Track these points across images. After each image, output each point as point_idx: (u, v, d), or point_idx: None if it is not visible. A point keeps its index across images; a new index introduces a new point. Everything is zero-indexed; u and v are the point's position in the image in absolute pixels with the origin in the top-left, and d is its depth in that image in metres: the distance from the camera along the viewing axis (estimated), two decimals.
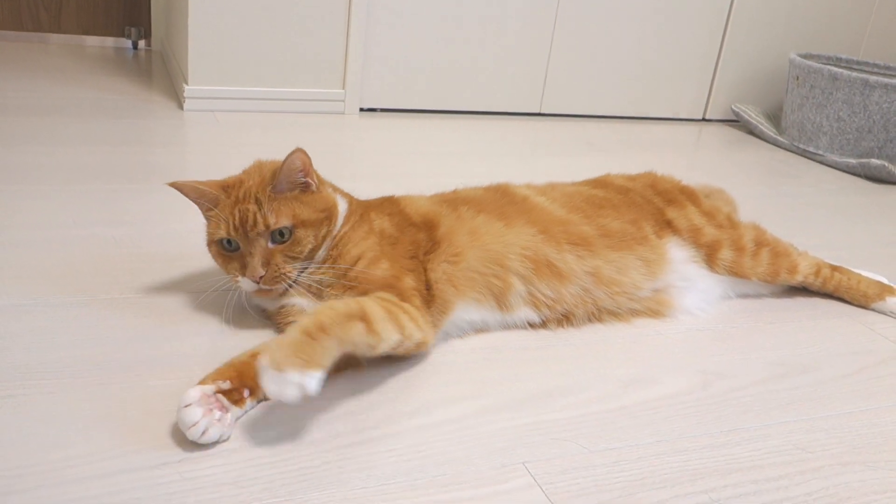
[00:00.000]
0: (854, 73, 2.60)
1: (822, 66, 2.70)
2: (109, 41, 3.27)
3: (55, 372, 1.02)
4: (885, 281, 1.52)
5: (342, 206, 1.22)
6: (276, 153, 1.22)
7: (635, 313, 1.35)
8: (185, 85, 2.41)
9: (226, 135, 2.21)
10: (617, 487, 0.92)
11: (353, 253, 1.16)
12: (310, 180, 1.17)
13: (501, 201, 1.33)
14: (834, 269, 1.50)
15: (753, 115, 3.07)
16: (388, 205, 1.30)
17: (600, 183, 1.51)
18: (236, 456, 0.90)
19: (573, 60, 2.89)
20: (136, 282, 1.29)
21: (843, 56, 3.02)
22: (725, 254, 1.40)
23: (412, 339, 1.07)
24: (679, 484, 0.94)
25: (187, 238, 1.47)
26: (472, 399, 1.07)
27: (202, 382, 0.96)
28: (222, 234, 1.13)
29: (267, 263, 1.11)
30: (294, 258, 1.13)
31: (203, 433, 0.90)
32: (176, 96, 2.56)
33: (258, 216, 1.11)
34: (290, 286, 1.14)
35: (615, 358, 1.23)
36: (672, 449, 1.01)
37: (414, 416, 1.02)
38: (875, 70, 2.96)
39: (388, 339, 1.02)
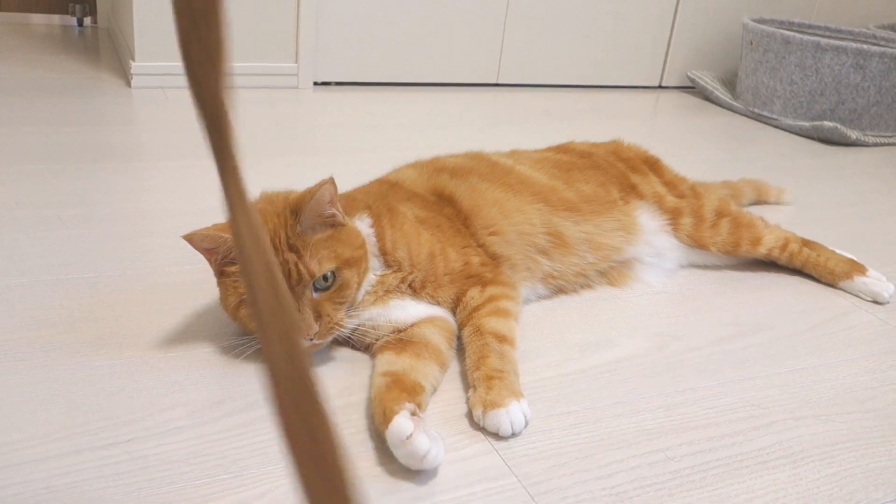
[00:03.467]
0: (806, 37, 2.62)
1: (775, 30, 2.72)
2: (55, 19, 3.18)
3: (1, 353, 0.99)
4: (857, 260, 1.49)
5: (365, 226, 1.11)
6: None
7: (603, 282, 1.35)
8: (131, 62, 2.35)
9: (176, 112, 2.16)
10: (574, 450, 0.93)
11: (422, 252, 1.11)
12: (336, 211, 1.02)
13: (494, 171, 1.31)
14: (805, 243, 1.47)
15: (709, 81, 3.09)
16: (393, 190, 1.23)
17: (562, 149, 1.51)
18: (186, 433, 0.89)
19: (529, 30, 2.87)
20: (82, 262, 1.26)
21: (796, 20, 3.04)
22: (685, 220, 1.40)
23: (517, 314, 1.14)
24: (635, 444, 0.95)
25: (137, 218, 1.44)
26: None
27: (386, 412, 0.88)
28: None
29: (319, 317, 0.99)
30: (342, 303, 1.01)
31: (433, 459, 0.85)
32: (124, 73, 2.49)
33: (300, 266, 0.97)
34: (348, 336, 1.05)
35: (573, 323, 1.23)
36: (629, 410, 1.01)
37: (362, 390, 1.01)
38: (827, 34, 2.98)
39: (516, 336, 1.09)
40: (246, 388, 0.98)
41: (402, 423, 0.85)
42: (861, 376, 1.15)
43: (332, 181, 0.99)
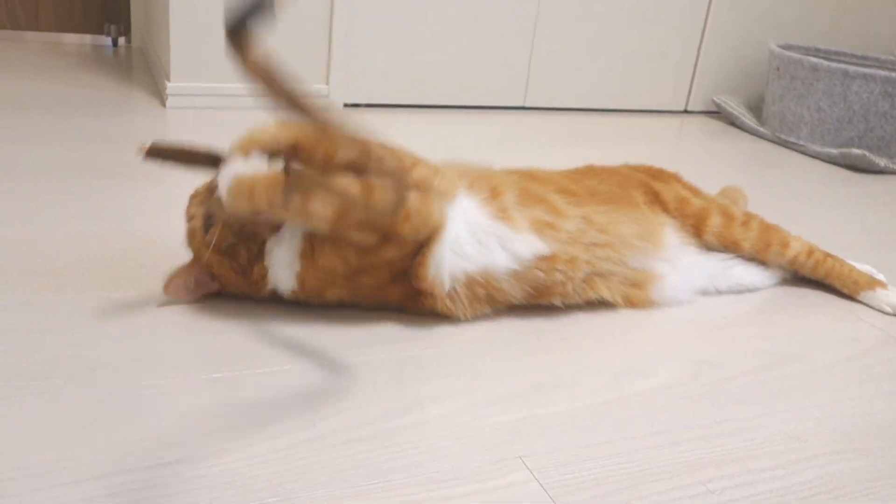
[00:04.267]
0: (834, 64, 2.62)
1: (802, 56, 2.72)
2: (88, 38, 3.23)
3: (46, 372, 1.01)
4: (875, 273, 1.52)
5: None
6: None
7: (625, 287, 1.33)
8: (167, 82, 2.38)
9: (209, 132, 2.19)
10: (614, 480, 0.93)
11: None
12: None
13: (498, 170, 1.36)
14: (827, 254, 1.49)
15: (735, 107, 3.09)
16: None
17: (582, 170, 1.52)
18: (233, 455, 0.90)
19: (556, 54, 2.89)
20: (122, 279, 1.28)
21: (822, 46, 3.04)
22: (714, 220, 1.39)
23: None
24: (676, 476, 0.95)
25: (170, 236, 1.46)
26: (465, 394, 1.07)
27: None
28: None
29: None
30: None
31: None
32: (158, 93, 2.53)
33: None
34: None
35: (607, 349, 1.23)
36: (667, 441, 1.01)
37: (408, 412, 1.02)
38: (853, 60, 2.99)
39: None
40: (289, 411, 0.99)
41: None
42: None
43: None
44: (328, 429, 0.96)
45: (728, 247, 1.40)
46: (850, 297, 1.49)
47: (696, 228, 1.39)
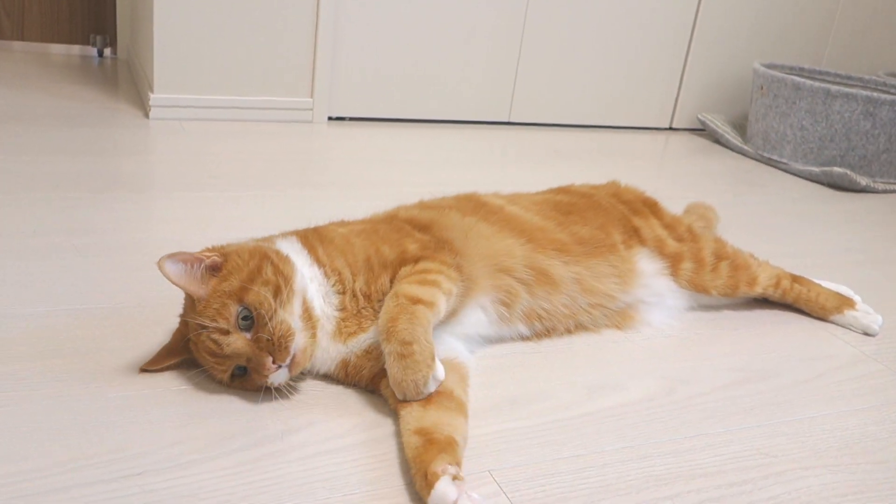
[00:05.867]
0: (816, 83, 2.64)
1: (785, 75, 2.75)
2: (75, 49, 3.24)
3: (10, 384, 1.00)
4: (846, 292, 1.52)
5: (292, 245, 1.12)
6: (243, 163, 1.20)
7: (605, 326, 1.35)
8: (150, 93, 2.39)
9: (192, 144, 2.19)
10: (583, 494, 0.93)
11: (358, 257, 1.11)
12: (202, 259, 1.03)
13: (478, 208, 1.32)
14: (794, 280, 1.50)
15: (719, 124, 3.11)
16: (342, 223, 1.26)
17: (563, 190, 1.52)
18: (197, 468, 0.89)
19: (541, 70, 2.91)
20: (97, 292, 1.27)
21: (806, 66, 3.07)
22: (686, 265, 1.41)
23: (452, 293, 1.09)
24: (645, 490, 0.95)
25: (151, 248, 1.46)
26: None
27: (428, 476, 0.86)
28: None
29: (262, 347, 0.98)
30: (271, 318, 0.99)
31: None
32: (142, 104, 2.53)
33: (213, 336, 0.99)
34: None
35: (580, 365, 1.23)
36: (637, 455, 1.01)
37: (377, 426, 1.01)
38: (837, 80, 3.01)
39: (440, 306, 1.06)
40: (257, 423, 0.99)
41: (445, 490, 0.84)
42: (870, 427, 1.15)
43: (163, 260, 0.98)
44: (295, 442, 0.96)
45: (697, 291, 1.42)
46: (821, 319, 1.49)
47: (671, 269, 1.40)
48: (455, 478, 0.86)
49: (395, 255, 1.13)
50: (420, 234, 1.19)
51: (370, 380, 1.07)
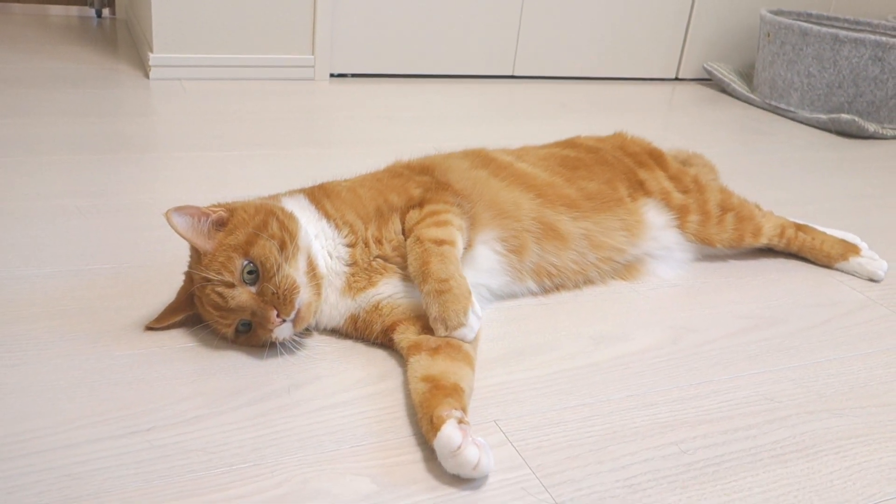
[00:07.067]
0: (824, 29, 2.60)
1: (793, 21, 2.70)
2: (73, 10, 3.20)
3: (19, 344, 1.01)
4: (853, 238, 1.51)
5: (298, 202, 1.13)
6: (245, 122, 1.19)
7: (612, 279, 1.35)
8: (150, 53, 2.36)
9: (193, 103, 2.18)
10: (588, 441, 0.93)
11: (368, 207, 1.13)
12: (209, 215, 1.04)
13: (490, 165, 1.31)
14: (798, 228, 1.49)
15: (726, 73, 3.07)
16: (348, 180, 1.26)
17: (570, 144, 1.51)
18: (204, 423, 0.90)
19: (545, 22, 2.87)
20: (102, 253, 1.27)
21: (814, 12, 3.01)
22: (692, 217, 1.40)
23: (462, 228, 1.12)
24: (649, 436, 0.95)
25: (155, 209, 1.45)
26: None
27: (434, 420, 0.87)
28: None
29: (267, 301, 0.99)
30: (277, 271, 1.00)
31: (484, 467, 0.84)
32: (142, 65, 2.51)
33: (218, 289, 1.00)
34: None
35: (587, 316, 1.23)
36: (642, 403, 1.02)
37: (382, 380, 1.02)
38: (845, 25, 2.96)
39: (459, 243, 1.09)
40: (264, 378, 0.99)
41: (450, 434, 0.84)
42: (876, 370, 1.15)
43: (170, 212, 0.99)
44: (302, 396, 0.97)
45: (703, 242, 1.41)
46: (826, 267, 1.49)
47: (678, 221, 1.39)
48: (461, 421, 0.87)
49: (402, 201, 1.15)
50: (420, 177, 1.21)
51: (380, 333, 1.08)
